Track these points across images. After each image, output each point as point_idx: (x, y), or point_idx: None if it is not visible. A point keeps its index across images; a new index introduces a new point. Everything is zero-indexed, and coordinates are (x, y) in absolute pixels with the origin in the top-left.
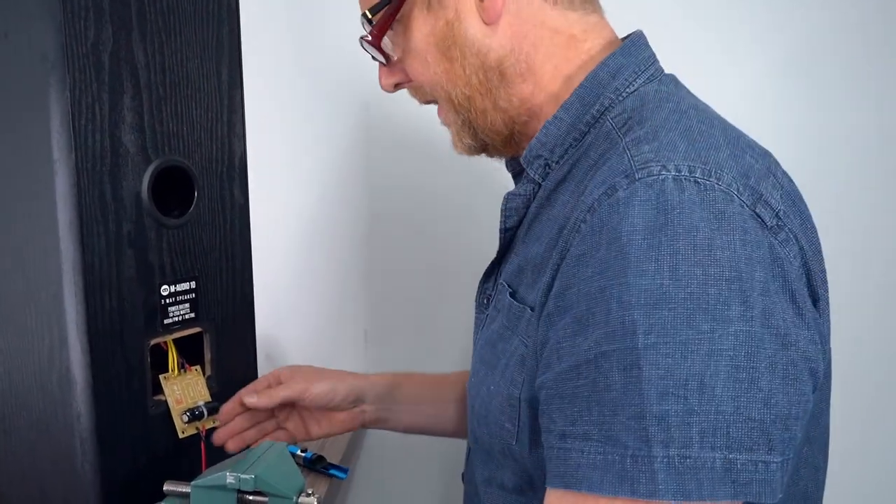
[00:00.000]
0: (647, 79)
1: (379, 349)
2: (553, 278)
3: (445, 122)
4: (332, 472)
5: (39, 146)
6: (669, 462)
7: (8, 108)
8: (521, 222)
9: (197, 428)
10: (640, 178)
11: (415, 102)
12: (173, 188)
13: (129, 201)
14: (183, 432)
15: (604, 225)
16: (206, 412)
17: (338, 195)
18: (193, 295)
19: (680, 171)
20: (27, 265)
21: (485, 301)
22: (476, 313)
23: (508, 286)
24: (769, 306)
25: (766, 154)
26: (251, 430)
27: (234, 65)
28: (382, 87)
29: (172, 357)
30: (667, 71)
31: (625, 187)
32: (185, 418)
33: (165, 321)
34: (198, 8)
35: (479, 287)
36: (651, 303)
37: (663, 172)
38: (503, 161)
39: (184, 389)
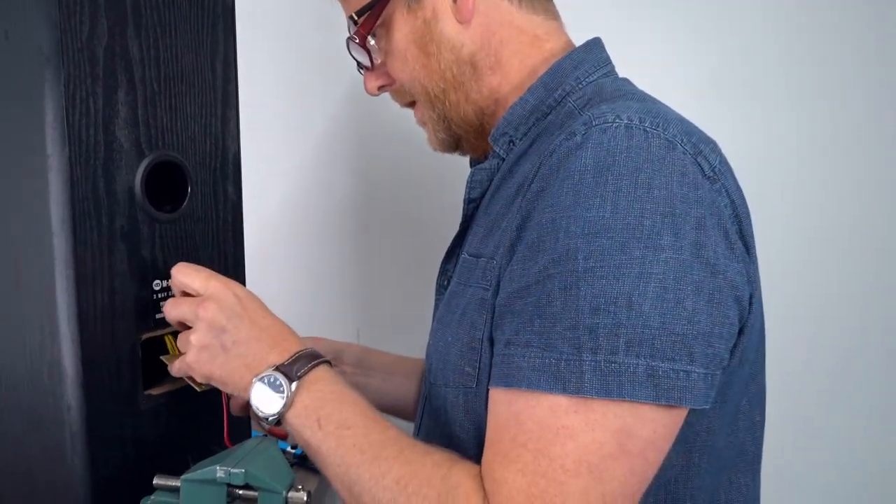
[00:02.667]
0: (605, 74)
1: (372, 346)
2: (514, 219)
3: (421, 121)
4: None
5: (33, 140)
6: (596, 366)
7: (2, 101)
8: (483, 195)
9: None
10: (595, 125)
11: None
12: (166, 183)
13: (122, 196)
14: (200, 387)
15: (560, 164)
16: None
17: (331, 193)
18: None
19: (632, 120)
20: (20, 258)
21: (444, 283)
22: (435, 297)
23: (471, 255)
24: (702, 239)
25: (711, 139)
26: None
27: (229, 60)
28: (367, 91)
29: (171, 343)
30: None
31: (582, 132)
32: None
33: (157, 315)
34: (193, 3)
35: (440, 269)
36: (592, 232)
37: (617, 121)
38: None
39: None
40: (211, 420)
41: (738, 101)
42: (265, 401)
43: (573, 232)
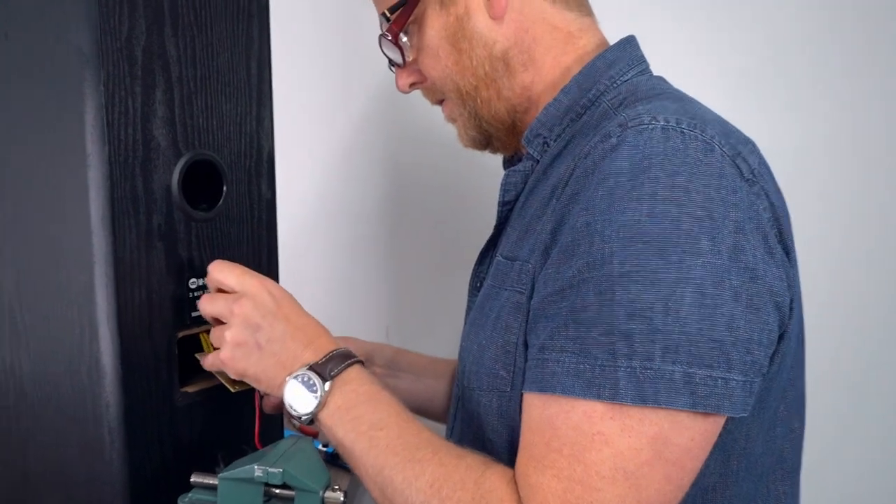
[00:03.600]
0: (639, 72)
1: (401, 346)
2: (549, 222)
3: (451, 118)
4: None
5: (73, 139)
6: (631, 372)
7: (42, 101)
8: (517, 197)
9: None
10: (631, 126)
11: None
12: (202, 182)
13: (159, 194)
14: (234, 388)
15: (595, 166)
16: None
17: (362, 192)
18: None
19: (668, 122)
20: (60, 257)
21: (477, 284)
22: (468, 298)
23: (506, 258)
24: (740, 243)
25: (750, 139)
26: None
27: (264, 59)
28: (399, 88)
29: (206, 341)
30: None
31: (618, 134)
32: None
33: (193, 314)
34: (229, 2)
35: (472, 271)
36: (628, 236)
37: (653, 122)
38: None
39: None
40: (245, 418)
41: (769, 100)
42: (299, 399)
43: (608, 236)
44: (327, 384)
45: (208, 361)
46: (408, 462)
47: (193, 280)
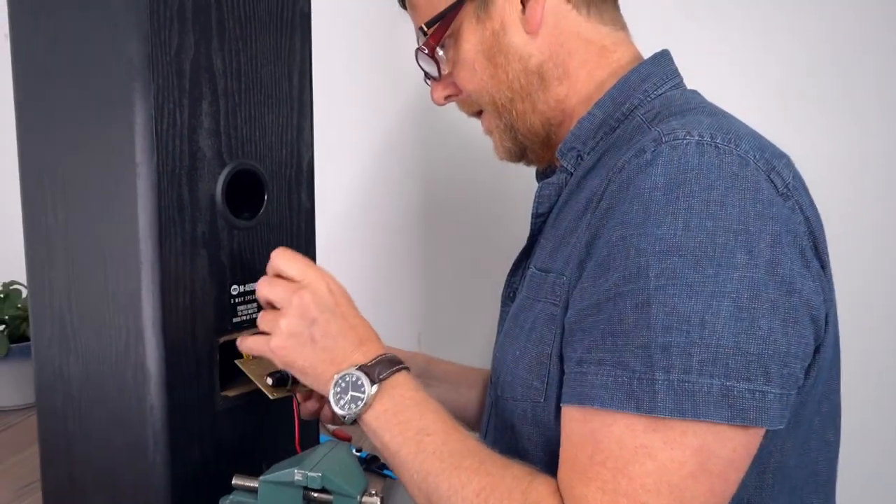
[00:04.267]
0: (673, 86)
1: (433, 352)
2: (584, 235)
3: (488, 130)
4: (387, 472)
5: (123, 149)
6: (669, 385)
7: (94, 112)
8: (551, 209)
9: (288, 390)
10: (666, 142)
11: None
12: (244, 191)
13: (204, 203)
14: (273, 395)
15: (630, 181)
16: (290, 375)
17: (397, 202)
18: None
19: (703, 137)
20: (108, 263)
21: (510, 294)
22: (501, 308)
23: (540, 270)
24: (777, 256)
25: (784, 153)
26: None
27: (305, 71)
28: (434, 101)
29: None
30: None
31: (652, 149)
32: (270, 381)
33: (234, 320)
34: (272, 16)
35: (506, 281)
36: (664, 250)
37: (688, 137)
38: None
39: (263, 367)
40: (283, 422)
41: (804, 113)
42: (344, 398)
43: (644, 249)
44: (374, 387)
45: (249, 343)
46: (454, 469)
47: (235, 286)
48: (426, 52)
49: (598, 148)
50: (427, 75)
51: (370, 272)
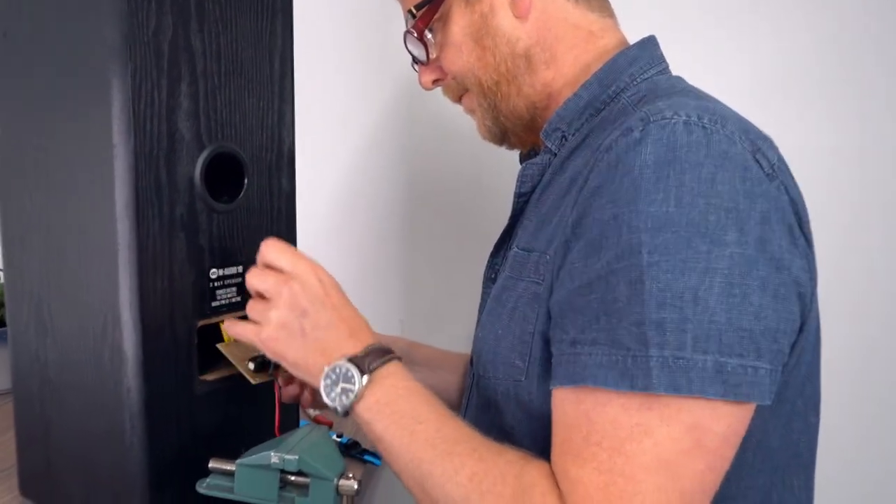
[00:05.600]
0: (659, 71)
1: (415, 338)
2: (570, 214)
3: (470, 109)
4: (367, 458)
5: (100, 130)
6: (664, 361)
7: (71, 93)
8: (534, 190)
9: (270, 375)
10: (654, 121)
11: None
12: (224, 174)
13: (182, 185)
14: (254, 379)
15: (619, 160)
16: (271, 360)
17: (378, 186)
18: (240, 279)
19: (690, 117)
20: (84, 245)
21: (492, 275)
22: (483, 289)
23: (523, 250)
24: (767, 234)
25: (768, 136)
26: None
27: (286, 55)
28: (422, 85)
29: (226, 331)
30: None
31: (640, 128)
32: (252, 366)
33: (213, 303)
34: None
35: (487, 262)
36: (657, 226)
37: (675, 117)
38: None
39: (244, 350)
40: (262, 406)
41: (784, 103)
42: (335, 391)
43: (636, 227)
44: (365, 377)
45: (238, 329)
46: (447, 455)
47: (214, 270)
48: (415, 35)
49: (583, 129)
50: (415, 59)
51: (352, 258)
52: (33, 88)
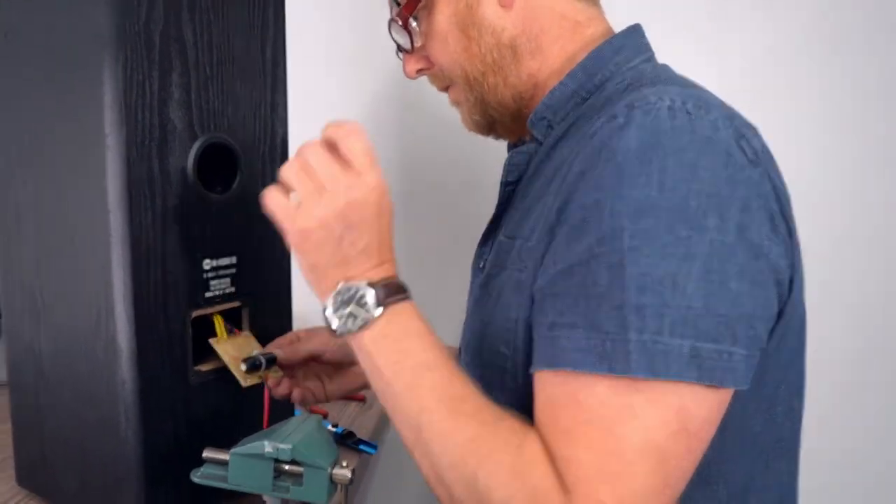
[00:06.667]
0: (645, 59)
1: None
2: (554, 201)
3: (456, 102)
4: (362, 447)
5: (92, 121)
6: (643, 345)
7: (61, 83)
8: (520, 178)
9: (260, 377)
10: (637, 107)
11: None
12: (217, 165)
13: (175, 176)
14: (245, 381)
15: (603, 146)
16: (264, 362)
17: None
18: (234, 270)
19: (674, 102)
20: (77, 236)
21: (480, 265)
22: (472, 279)
23: (509, 237)
24: (746, 221)
25: (752, 124)
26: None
27: (279, 44)
28: (406, 74)
29: (220, 324)
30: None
31: (625, 114)
32: (244, 367)
33: (207, 294)
34: None
35: (476, 252)
36: (638, 211)
37: (659, 103)
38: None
39: (237, 348)
40: (256, 396)
41: (769, 94)
42: (343, 311)
43: (619, 211)
44: (379, 309)
45: (275, 202)
46: (451, 412)
47: (207, 261)
48: (399, 23)
49: (569, 118)
50: (399, 48)
51: None
52: (24, 79)
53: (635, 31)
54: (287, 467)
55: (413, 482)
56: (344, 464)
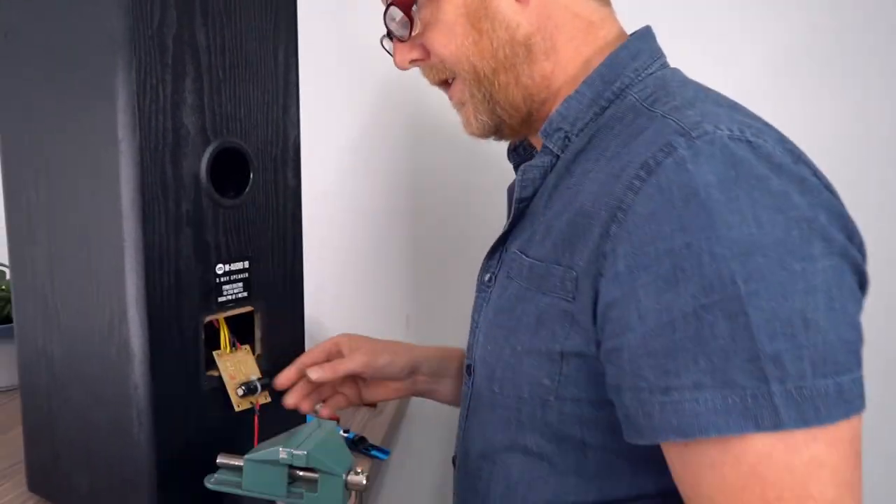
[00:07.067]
0: (662, 65)
1: (421, 334)
2: (602, 238)
3: (460, 102)
4: (374, 452)
5: (105, 126)
6: (788, 395)
7: (75, 88)
8: (535, 193)
9: (251, 402)
10: (697, 136)
11: None
12: (229, 169)
13: (188, 181)
14: (238, 406)
15: (672, 182)
16: (259, 387)
17: (383, 183)
18: (247, 274)
19: (732, 131)
20: (91, 241)
21: (486, 278)
22: (476, 293)
23: (523, 253)
24: (841, 240)
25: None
26: (312, 394)
27: (291, 48)
28: (397, 64)
29: (224, 335)
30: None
31: (684, 146)
32: (241, 392)
33: (219, 299)
34: None
35: (483, 266)
36: (744, 252)
37: (717, 131)
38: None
39: (236, 366)
40: (272, 402)
41: (783, 94)
42: None
43: (720, 254)
44: None
45: None
46: None
47: (220, 265)
48: (401, 8)
49: (588, 129)
50: (390, 34)
51: (358, 254)
52: (37, 84)
53: (648, 35)
54: (302, 473)
55: (423, 487)
56: (359, 470)
